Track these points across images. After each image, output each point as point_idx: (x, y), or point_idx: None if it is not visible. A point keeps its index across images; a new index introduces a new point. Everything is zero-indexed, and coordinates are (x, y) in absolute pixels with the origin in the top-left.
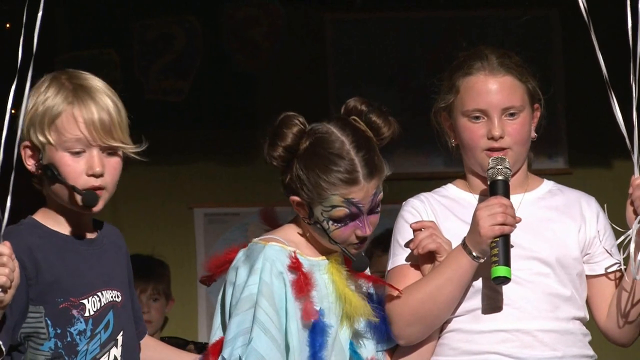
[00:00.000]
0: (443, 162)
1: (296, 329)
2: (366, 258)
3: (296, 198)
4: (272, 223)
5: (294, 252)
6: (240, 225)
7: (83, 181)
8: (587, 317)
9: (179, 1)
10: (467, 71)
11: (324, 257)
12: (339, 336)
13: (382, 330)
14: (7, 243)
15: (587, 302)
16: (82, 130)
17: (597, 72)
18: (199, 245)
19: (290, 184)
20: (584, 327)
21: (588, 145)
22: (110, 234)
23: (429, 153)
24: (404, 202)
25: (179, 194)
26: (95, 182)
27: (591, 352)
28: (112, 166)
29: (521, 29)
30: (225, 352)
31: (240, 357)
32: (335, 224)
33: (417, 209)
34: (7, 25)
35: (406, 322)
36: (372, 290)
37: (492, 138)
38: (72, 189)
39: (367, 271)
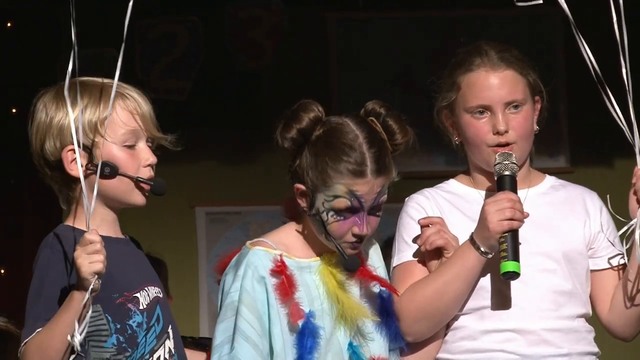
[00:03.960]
0: (445, 161)
1: (280, 333)
2: (358, 259)
3: (300, 186)
4: (292, 215)
5: (280, 255)
6: (241, 224)
7: (142, 172)
8: (590, 312)
9: (181, 1)
10: (468, 68)
11: (317, 258)
12: (336, 337)
13: (394, 329)
14: (96, 231)
15: (590, 297)
16: (137, 121)
17: (599, 71)
18: (201, 244)
19: (297, 170)
20: (588, 324)
21: (589, 144)
22: (134, 239)
23: (430, 152)
24: (407, 198)
25: (181, 193)
26: (151, 171)
27: (595, 348)
28: (155, 159)
29: (523, 28)
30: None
31: None
32: (335, 216)
33: (422, 204)
34: (8, 24)
35: (413, 318)
36: (378, 289)
37: (497, 133)
38: (137, 181)
39: (377, 271)
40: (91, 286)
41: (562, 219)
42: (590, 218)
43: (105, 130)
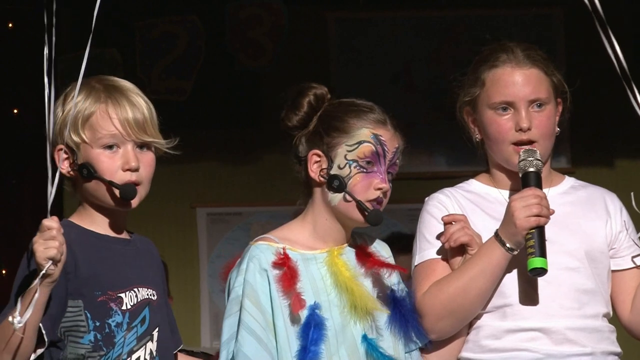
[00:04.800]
0: (446, 162)
1: (283, 325)
2: (380, 212)
3: (316, 150)
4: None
5: (283, 248)
6: (242, 224)
7: (120, 176)
8: (611, 313)
9: (181, 1)
10: (493, 64)
11: (323, 250)
12: (349, 330)
13: (409, 330)
14: (55, 217)
15: (611, 297)
16: (117, 126)
17: (599, 71)
18: (202, 244)
19: (309, 139)
20: (610, 324)
21: (591, 144)
22: (143, 240)
23: (432, 152)
24: (427, 198)
25: (182, 194)
26: (131, 176)
27: (618, 348)
28: (147, 162)
29: (524, 28)
30: (222, 357)
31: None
32: (357, 167)
33: (444, 203)
34: (10, 25)
35: (438, 316)
36: (394, 286)
37: (520, 130)
38: (109, 184)
39: (388, 260)
40: (43, 271)
41: (584, 219)
42: (611, 218)
43: (80, 131)
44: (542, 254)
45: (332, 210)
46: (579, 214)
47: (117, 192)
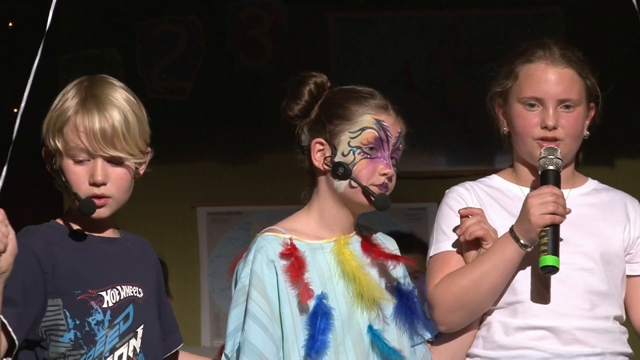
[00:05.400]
0: (446, 162)
1: (290, 316)
2: (388, 197)
3: (319, 139)
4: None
5: (290, 239)
6: (242, 224)
7: (85, 189)
8: (624, 317)
9: (181, 1)
10: (529, 58)
11: (330, 239)
12: (355, 321)
13: (414, 322)
14: (1, 210)
15: (624, 302)
16: (83, 139)
17: (599, 71)
18: (202, 244)
19: (312, 127)
20: (622, 325)
21: (591, 144)
22: (136, 239)
23: (432, 152)
24: (447, 190)
25: (182, 193)
26: (97, 190)
27: (629, 349)
28: (118, 176)
29: (524, 28)
30: (227, 347)
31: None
32: (362, 154)
33: (463, 196)
34: (10, 24)
35: (449, 308)
36: (401, 279)
37: (545, 127)
38: (74, 196)
39: (392, 251)
40: None
41: (602, 221)
42: (630, 223)
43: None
44: (555, 252)
45: (339, 197)
46: (598, 216)
47: (77, 204)
